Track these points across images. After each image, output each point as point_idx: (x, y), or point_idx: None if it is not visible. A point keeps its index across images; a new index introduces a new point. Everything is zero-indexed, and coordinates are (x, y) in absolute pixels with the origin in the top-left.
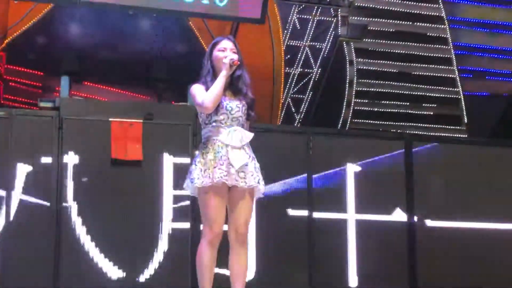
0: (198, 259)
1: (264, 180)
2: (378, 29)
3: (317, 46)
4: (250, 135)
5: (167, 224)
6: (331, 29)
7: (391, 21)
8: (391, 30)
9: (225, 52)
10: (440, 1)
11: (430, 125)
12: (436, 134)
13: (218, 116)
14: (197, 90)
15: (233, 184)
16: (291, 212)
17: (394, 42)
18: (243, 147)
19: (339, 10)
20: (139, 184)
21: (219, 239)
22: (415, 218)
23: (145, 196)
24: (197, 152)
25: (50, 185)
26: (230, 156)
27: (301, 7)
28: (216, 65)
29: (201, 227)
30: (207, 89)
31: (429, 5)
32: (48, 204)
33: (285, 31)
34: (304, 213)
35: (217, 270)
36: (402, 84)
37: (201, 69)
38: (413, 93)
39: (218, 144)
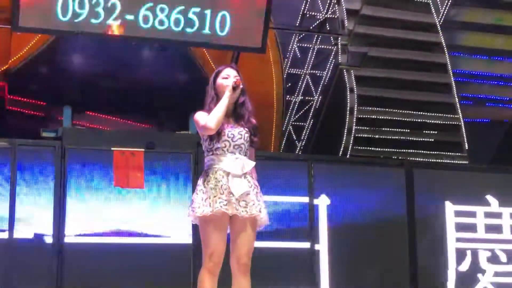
0: None
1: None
2: (378, 56)
3: (318, 74)
4: (252, 163)
5: None
6: (331, 57)
7: (391, 49)
8: (390, 57)
9: (229, 79)
10: (439, 29)
11: (431, 152)
12: (437, 160)
13: (220, 144)
14: (200, 116)
15: (234, 213)
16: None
17: (393, 69)
18: (245, 176)
19: (339, 38)
20: None
21: (219, 267)
22: None
23: None
24: (199, 181)
25: None
26: (231, 185)
27: (301, 35)
28: (220, 92)
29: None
30: None
31: (429, 32)
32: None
33: (286, 60)
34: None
35: None
36: (403, 111)
37: (205, 97)
38: (414, 120)
39: (220, 172)
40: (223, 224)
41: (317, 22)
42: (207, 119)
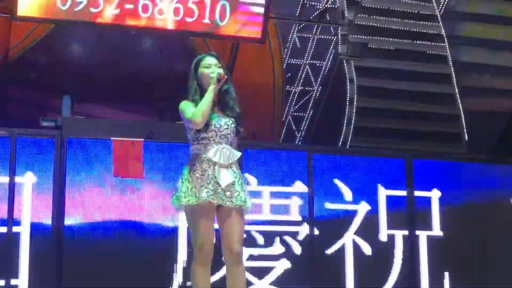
0: (192, 282)
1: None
2: (378, 47)
3: (318, 65)
4: (238, 153)
5: None
6: (331, 47)
7: (391, 39)
8: (391, 48)
9: (211, 68)
10: (439, 19)
11: (430, 142)
12: (436, 151)
13: (207, 133)
14: (185, 106)
15: (220, 203)
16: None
17: (394, 60)
18: (231, 166)
19: (339, 28)
20: None
21: (210, 258)
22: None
23: None
24: (184, 170)
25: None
26: (217, 175)
27: (301, 26)
28: (203, 82)
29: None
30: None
31: (429, 23)
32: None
33: (285, 50)
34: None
35: None
36: (402, 101)
37: (188, 88)
38: (413, 110)
39: (206, 162)
40: (210, 214)
41: (317, 12)
42: (193, 113)
